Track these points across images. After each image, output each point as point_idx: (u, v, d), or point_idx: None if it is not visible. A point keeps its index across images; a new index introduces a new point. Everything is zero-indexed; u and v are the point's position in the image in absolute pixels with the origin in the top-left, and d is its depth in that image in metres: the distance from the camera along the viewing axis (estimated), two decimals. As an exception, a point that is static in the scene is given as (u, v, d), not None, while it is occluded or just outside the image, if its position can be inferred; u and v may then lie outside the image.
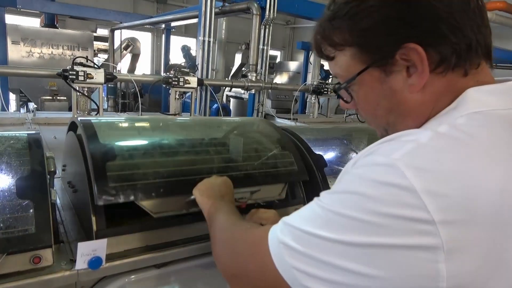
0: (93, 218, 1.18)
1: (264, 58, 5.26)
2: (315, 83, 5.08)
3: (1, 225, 1.04)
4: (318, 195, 0.69)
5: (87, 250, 1.07)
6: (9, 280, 1.02)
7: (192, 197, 1.24)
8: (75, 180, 1.48)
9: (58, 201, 1.58)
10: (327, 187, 1.72)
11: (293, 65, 12.07)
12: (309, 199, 1.70)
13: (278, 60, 14.88)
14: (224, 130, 1.87)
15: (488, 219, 0.53)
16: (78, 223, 1.37)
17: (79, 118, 1.40)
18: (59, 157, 1.78)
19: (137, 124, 1.86)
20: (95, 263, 1.08)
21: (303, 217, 0.66)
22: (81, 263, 1.06)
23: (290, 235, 0.64)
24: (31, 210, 1.09)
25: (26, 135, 1.32)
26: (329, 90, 4.96)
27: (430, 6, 0.63)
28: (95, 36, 9.59)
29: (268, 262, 0.66)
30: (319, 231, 0.60)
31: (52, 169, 1.39)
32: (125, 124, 1.85)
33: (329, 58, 0.76)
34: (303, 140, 1.83)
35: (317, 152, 1.82)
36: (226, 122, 2.27)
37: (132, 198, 1.19)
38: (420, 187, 0.53)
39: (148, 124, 1.86)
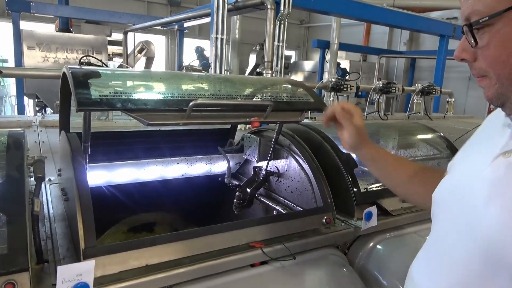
0: (81, 233, 0.98)
1: (280, 55, 5.04)
2: (333, 79, 4.81)
3: (-35, 244, 0.85)
4: (347, 202, 0.76)
5: (70, 275, 0.86)
6: (-27, 313, 0.82)
7: None
8: (67, 186, 1.28)
9: (51, 211, 1.40)
10: (358, 192, 1.49)
11: (308, 65, 11.81)
12: (338, 206, 1.47)
13: (293, 60, 14.63)
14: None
15: None
16: (70, 237, 1.17)
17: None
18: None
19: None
20: (80, 290, 0.87)
21: None
22: (62, 291, 0.86)
23: None
24: (4, 226, 0.90)
25: (6, 134, 1.13)
26: (349, 86, 4.69)
27: None
28: (109, 41, 9.54)
29: None
30: None
31: (40, 175, 1.20)
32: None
33: None
34: (328, 137, 1.59)
35: (346, 151, 1.59)
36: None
37: (119, 105, 1.00)
38: None
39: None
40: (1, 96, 9.99)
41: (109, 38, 9.64)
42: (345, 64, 10.89)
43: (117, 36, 11.33)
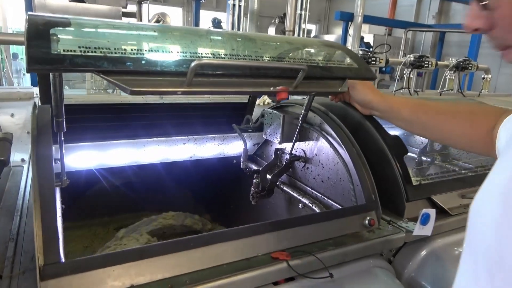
0: (39, 243, 0.70)
1: (302, 25, 4.64)
2: (360, 52, 4.40)
3: None
4: (395, 197, 0.77)
5: (12, 309, 0.59)
6: None
7: None
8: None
9: (26, 200, 1.14)
10: (409, 186, 1.17)
11: (329, 39, 11.26)
12: (382, 202, 1.17)
13: (313, 34, 14.05)
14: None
15: None
16: (39, 239, 0.91)
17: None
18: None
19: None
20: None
21: None
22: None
23: None
24: None
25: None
26: (377, 59, 4.28)
27: None
28: (124, 12, 9.25)
29: None
30: None
31: (2, 158, 0.93)
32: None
33: None
34: (371, 117, 1.27)
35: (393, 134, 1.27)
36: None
37: (90, 65, 0.71)
38: None
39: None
40: (19, 69, 9.93)
41: (123, 10, 9.36)
42: (368, 38, 10.32)
43: (133, 8, 11.04)
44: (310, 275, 0.91)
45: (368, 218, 1.06)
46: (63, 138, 0.98)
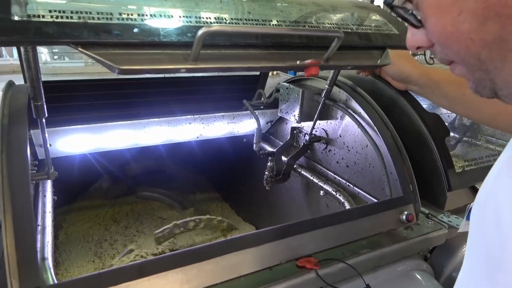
0: (12, 261, 0.56)
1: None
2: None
3: None
4: (435, 187, 0.68)
5: None
6: None
7: None
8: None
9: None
10: (452, 174, 1.01)
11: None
12: (420, 192, 1.01)
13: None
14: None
15: None
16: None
17: None
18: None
19: None
20: None
21: None
22: None
23: None
24: None
25: None
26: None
27: None
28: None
29: None
30: None
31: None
32: None
33: None
34: (407, 92, 1.09)
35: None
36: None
37: (63, 36, 0.54)
38: None
39: None
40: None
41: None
42: (379, 2, 9.83)
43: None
44: (342, 286, 0.77)
45: (405, 212, 0.91)
46: (44, 123, 0.82)
